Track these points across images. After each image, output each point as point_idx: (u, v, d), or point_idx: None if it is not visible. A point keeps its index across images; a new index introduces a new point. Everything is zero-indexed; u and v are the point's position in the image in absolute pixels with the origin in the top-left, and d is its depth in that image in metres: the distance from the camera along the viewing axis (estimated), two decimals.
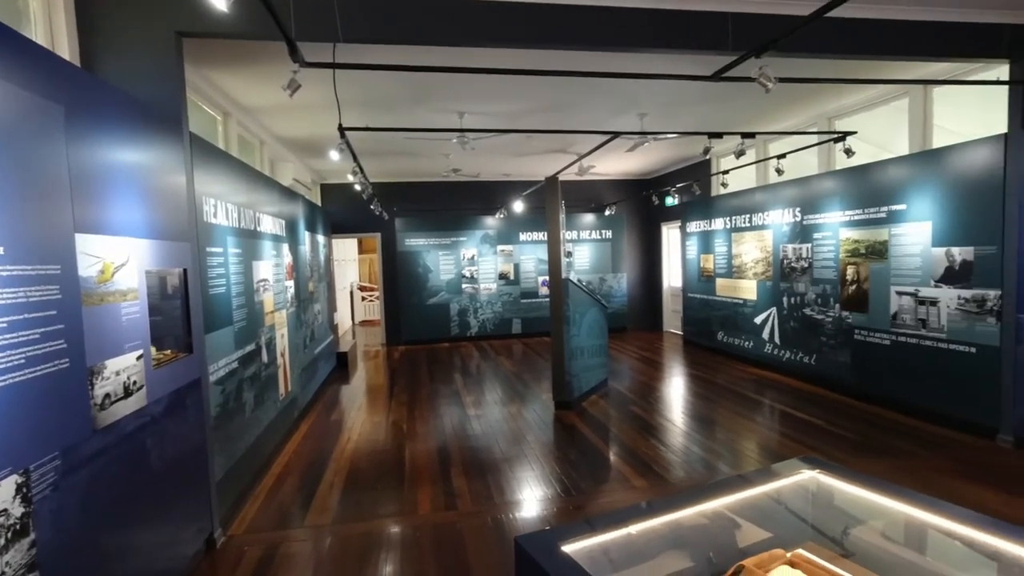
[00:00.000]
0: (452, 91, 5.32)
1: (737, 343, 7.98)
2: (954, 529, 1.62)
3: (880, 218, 5.45)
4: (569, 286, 5.88)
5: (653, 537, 1.72)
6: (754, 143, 7.70)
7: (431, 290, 10.65)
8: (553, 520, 3.50)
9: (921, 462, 4.16)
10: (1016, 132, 4.25)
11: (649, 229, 11.78)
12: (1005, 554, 1.51)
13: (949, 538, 1.67)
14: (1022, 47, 4.17)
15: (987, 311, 4.49)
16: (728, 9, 3.65)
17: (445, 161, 8.67)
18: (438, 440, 5.07)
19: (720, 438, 4.92)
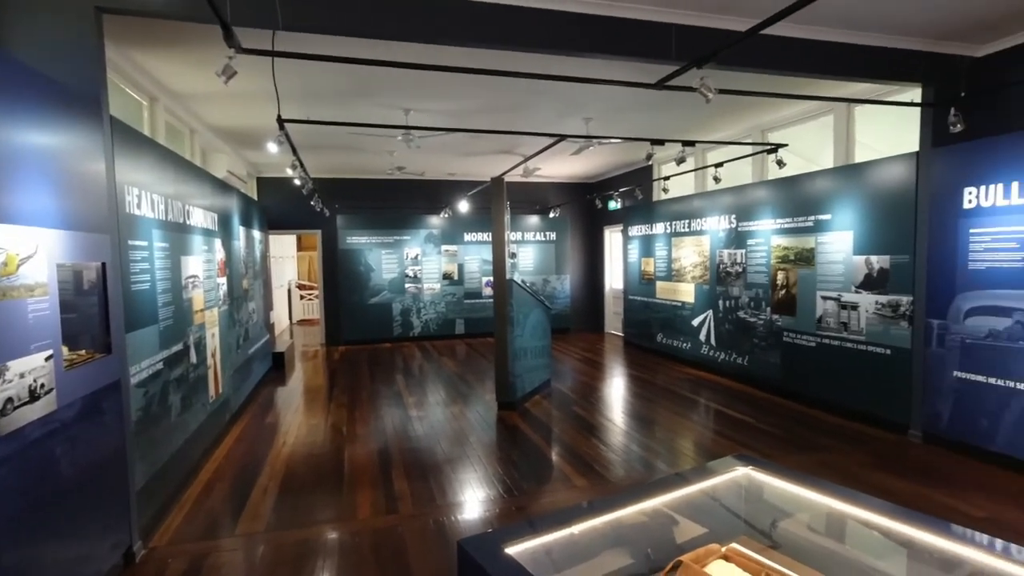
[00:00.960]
0: (398, 87, 5.22)
1: (675, 344, 8.24)
2: (871, 519, 1.72)
3: (807, 227, 5.76)
4: (513, 287, 5.89)
5: (594, 536, 1.73)
6: (694, 151, 7.97)
7: (373, 289, 10.43)
8: (496, 521, 3.48)
9: (842, 456, 4.42)
10: (927, 151, 4.59)
11: (592, 232, 11.99)
12: (916, 541, 1.61)
13: (867, 527, 1.77)
14: (933, 73, 4.51)
15: (900, 315, 4.82)
16: (673, 20, 3.75)
17: (389, 158, 8.51)
18: (379, 442, 4.95)
19: (659, 437, 5.05)
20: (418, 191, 10.99)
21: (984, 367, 4.14)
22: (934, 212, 4.47)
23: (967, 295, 4.24)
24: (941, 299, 4.43)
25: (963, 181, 4.26)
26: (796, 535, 1.97)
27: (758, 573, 1.55)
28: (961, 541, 1.51)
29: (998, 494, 3.68)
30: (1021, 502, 3.56)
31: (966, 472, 4.04)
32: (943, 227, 4.41)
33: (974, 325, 4.20)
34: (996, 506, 3.52)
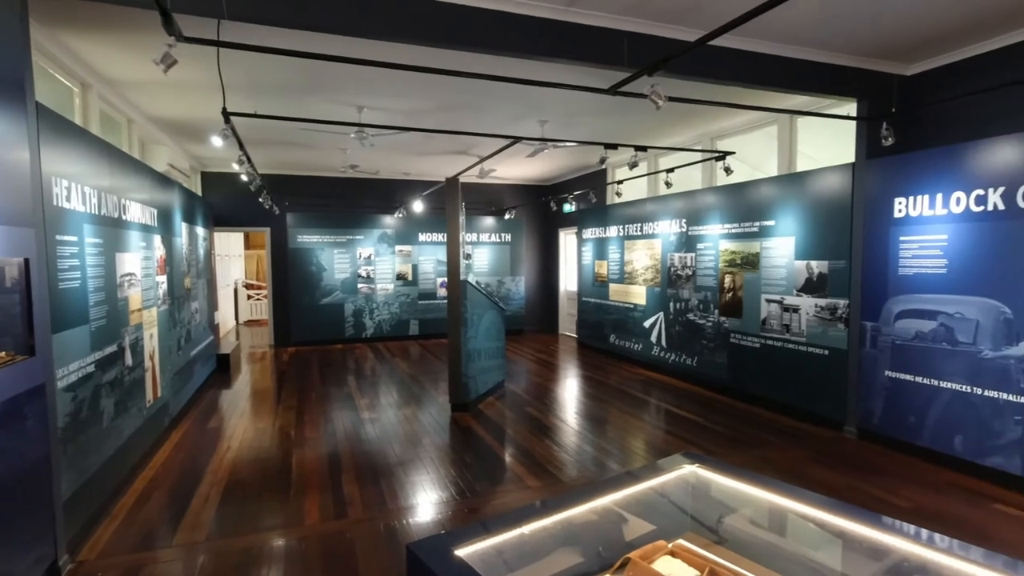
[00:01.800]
0: (351, 84, 5.12)
1: (627, 346, 8.39)
2: (809, 512, 1.80)
3: (753, 232, 5.98)
4: (467, 288, 5.86)
5: (545, 536, 1.74)
6: (646, 156, 8.16)
7: (325, 289, 10.19)
8: (448, 523, 3.45)
9: (783, 453, 4.60)
10: (862, 162, 4.84)
11: (547, 234, 12.08)
12: (849, 532, 1.69)
13: (805, 520, 1.84)
14: (867, 89, 4.76)
15: (838, 318, 5.07)
16: (626, 28, 3.83)
17: (342, 156, 8.33)
18: (329, 446, 4.83)
19: (611, 437, 5.13)
20: (372, 190, 10.81)
21: (912, 367, 4.40)
22: (868, 220, 4.72)
23: (897, 299, 4.49)
24: (874, 302, 4.67)
25: (893, 192, 4.51)
26: (740, 530, 2.03)
27: (703, 568, 1.58)
28: (890, 531, 1.59)
29: (923, 486, 3.91)
30: (943, 493, 3.80)
31: (895, 466, 4.27)
32: (876, 235, 4.66)
33: (903, 327, 4.45)
34: (921, 497, 3.73)
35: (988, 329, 3.91)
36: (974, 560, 1.43)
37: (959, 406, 4.09)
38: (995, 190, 3.85)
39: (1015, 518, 3.44)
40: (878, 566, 1.64)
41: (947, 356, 4.15)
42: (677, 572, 1.63)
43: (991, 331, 3.89)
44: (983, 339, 3.93)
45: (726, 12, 3.57)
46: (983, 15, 3.80)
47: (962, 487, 3.87)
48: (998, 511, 3.53)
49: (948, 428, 4.16)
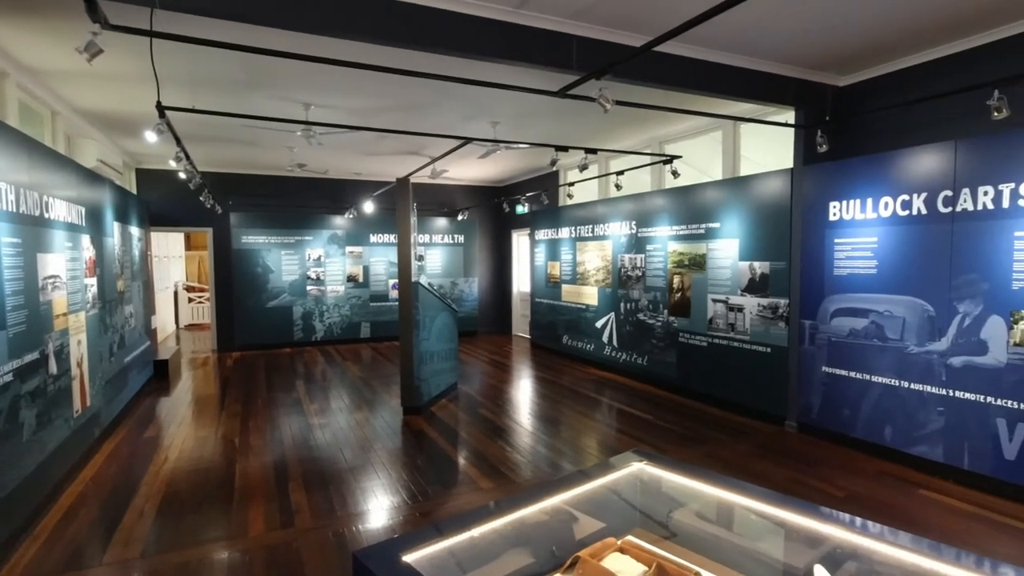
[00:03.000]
0: (297, 80, 4.97)
1: (580, 346, 8.49)
2: (752, 505, 1.85)
3: (700, 234, 6.16)
4: (419, 290, 5.79)
5: (496, 537, 1.72)
6: (596, 159, 8.29)
7: (272, 292, 9.86)
8: (400, 529, 3.39)
9: (729, 448, 4.75)
10: (799, 167, 5.05)
11: (500, 235, 12.10)
12: (789, 522, 1.75)
13: (749, 513, 1.90)
14: (803, 98, 4.99)
15: (779, 316, 5.28)
16: (574, 32, 3.87)
17: (289, 154, 8.09)
18: (275, 453, 4.67)
19: (564, 437, 5.16)
20: (321, 190, 10.55)
21: (846, 362, 4.62)
22: (805, 223, 4.93)
23: (833, 298, 4.71)
24: (812, 302, 4.89)
25: (828, 196, 4.73)
26: (687, 524, 2.08)
27: (650, 563, 1.61)
28: (826, 520, 1.66)
29: (857, 475, 4.11)
30: (875, 481, 4.01)
31: (832, 457, 4.48)
32: (813, 237, 4.87)
33: (838, 325, 4.67)
34: (855, 486, 3.93)
35: (914, 326, 4.15)
36: (901, 544, 1.50)
37: (889, 399, 4.32)
38: (919, 195, 4.09)
39: (937, 502, 3.66)
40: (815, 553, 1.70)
41: (878, 352, 4.38)
42: (626, 568, 1.65)
43: (916, 328, 4.13)
44: (909, 336, 4.17)
45: (671, 19, 3.66)
46: (909, 32, 4.04)
47: (891, 475, 4.10)
48: (923, 496, 3.75)
49: (879, 420, 4.40)
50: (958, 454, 3.91)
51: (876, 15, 3.78)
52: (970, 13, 3.75)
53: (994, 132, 3.78)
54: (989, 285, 3.71)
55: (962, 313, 3.86)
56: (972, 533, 3.28)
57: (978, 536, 3.24)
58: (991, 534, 3.27)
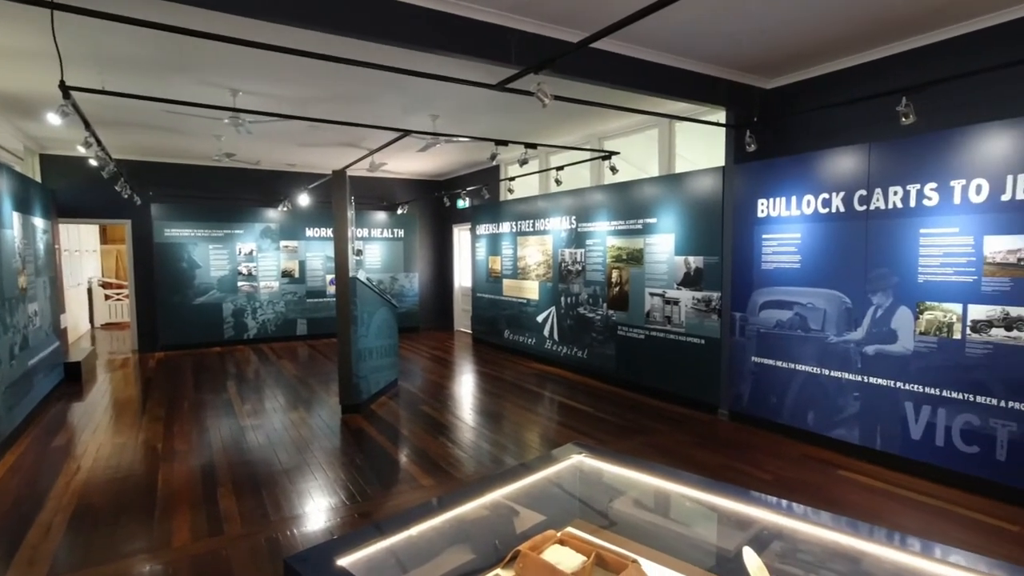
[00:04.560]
0: (224, 64, 4.71)
1: (522, 340, 8.53)
2: (686, 492, 1.90)
3: (637, 229, 6.31)
4: (357, 285, 5.64)
5: (434, 536, 1.69)
6: (536, 154, 8.34)
7: (199, 288, 9.35)
8: (338, 531, 3.29)
9: (666, 437, 4.90)
10: (730, 166, 5.26)
11: (441, 230, 11.97)
12: (721, 507, 1.81)
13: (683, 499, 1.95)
14: (734, 99, 5.19)
15: (712, 309, 5.48)
16: (513, 26, 3.85)
17: (216, 143, 7.67)
18: (203, 458, 4.43)
19: (506, 431, 5.17)
20: (252, 181, 10.09)
21: (773, 352, 4.86)
22: (736, 219, 5.14)
23: (761, 291, 4.94)
24: (742, 295, 5.11)
25: (757, 193, 4.95)
26: (626, 513, 2.11)
27: (589, 553, 1.62)
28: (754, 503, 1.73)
29: (783, 459, 4.34)
30: (799, 464, 4.24)
31: (761, 443, 4.70)
32: (743, 232, 5.09)
33: (766, 317, 4.90)
34: (781, 470, 4.14)
35: (833, 317, 4.41)
36: (822, 524, 1.58)
37: (811, 386, 4.58)
38: (837, 194, 4.35)
39: (855, 482, 3.92)
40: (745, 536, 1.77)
41: (801, 342, 4.63)
42: (565, 560, 1.65)
43: (835, 319, 4.39)
44: (829, 326, 4.43)
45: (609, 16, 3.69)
46: (831, 40, 4.27)
47: (814, 458, 4.34)
48: (842, 477, 4.00)
49: (803, 406, 4.65)
50: (872, 436, 4.19)
51: (800, 22, 3.97)
52: (884, 25, 4.00)
53: (903, 137, 4.06)
54: (899, 278, 3.99)
55: (875, 304, 4.14)
56: (884, 509, 3.52)
57: (889, 512, 3.49)
58: (900, 509, 3.52)
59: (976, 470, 3.66)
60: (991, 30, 3.91)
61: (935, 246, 3.80)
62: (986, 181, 3.56)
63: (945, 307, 3.76)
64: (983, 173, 3.57)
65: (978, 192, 3.60)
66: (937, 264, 3.79)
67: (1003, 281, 3.51)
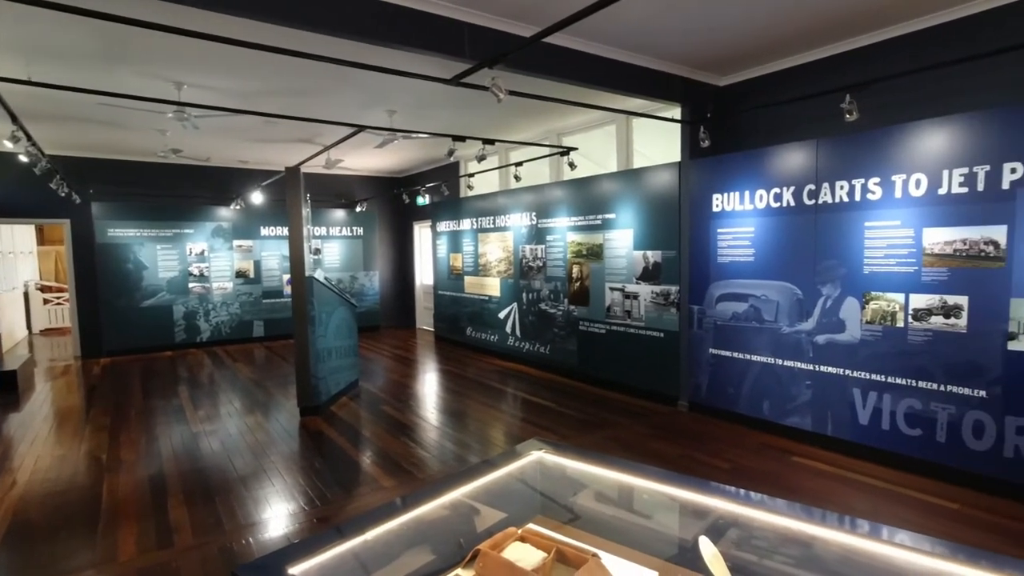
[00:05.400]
0: (168, 55, 4.50)
1: (484, 337, 8.50)
2: (647, 485, 1.92)
3: (597, 224, 6.35)
4: (314, 284, 5.50)
5: (392, 538, 1.65)
6: (496, 150, 8.31)
7: (147, 290, 8.96)
8: (296, 537, 3.20)
9: (627, 430, 4.96)
10: (686, 161, 5.35)
11: (401, 227, 11.82)
12: (681, 498, 1.83)
13: (644, 492, 1.96)
14: (688, 95, 5.27)
15: (671, 303, 5.57)
16: (466, 20, 3.80)
17: (161, 139, 7.35)
18: (152, 467, 4.24)
19: (470, 429, 5.14)
20: (202, 178, 9.72)
21: (729, 344, 4.98)
22: (692, 214, 5.24)
23: (718, 284, 5.05)
24: (699, 288, 5.21)
25: (712, 188, 5.05)
26: (587, 508, 2.12)
27: (550, 549, 1.61)
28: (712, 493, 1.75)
29: (740, 448, 4.45)
30: (756, 452, 4.35)
31: (719, 432, 4.81)
32: (699, 227, 5.19)
33: (722, 309, 5.01)
34: (739, 458, 4.24)
35: (785, 308, 4.54)
36: (777, 510, 1.62)
37: (766, 376, 4.71)
38: (788, 189, 4.47)
39: (808, 468, 4.05)
40: (702, 524, 1.79)
41: (756, 333, 4.75)
42: (526, 557, 1.64)
43: (788, 310, 4.53)
44: (782, 317, 4.56)
45: (563, 11, 3.70)
46: (780, 39, 4.38)
47: (770, 446, 4.47)
48: (796, 463, 4.13)
49: (758, 395, 4.78)
50: (823, 422, 4.34)
51: (749, 21, 4.06)
52: (829, 24, 4.13)
53: (848, 133, 4.21)
54: (846, 270, 4.14)
55: (825, 295, 4.28)
56: (835, 493, 3.65)
57: (840, 495, 3.62)
58: (850, 492, 3.66)
59: (919, 452, 3.83)
60: (928, 31, 4.08)
61: (879, 238, 3.95)
62: (924, 176, 3.72)
63: (889, 297, 3.92)
64: (921, 168, 3.73)
65: (917, 186, 3.76)
66: (881, 256, 3.95)
67: (941, 271, 3.67)
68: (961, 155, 3.56)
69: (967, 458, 3.61)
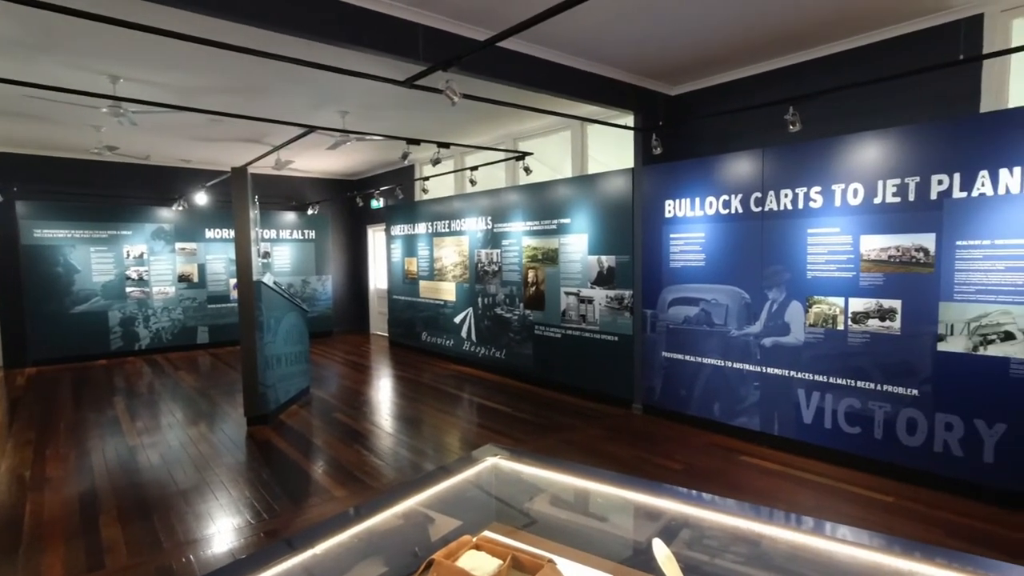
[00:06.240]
0: (101, 47, 4.26)
1: (440, 342, 8.42)
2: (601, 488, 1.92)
3: (552, 229, 6.39)
4: (262, 289, 5.31)
5: (342, 551, 1.59)
6: (451, 154, 8.25)
7: (79, 295, 8.45)
8: (241, 552, 3.06)
9: (582, 434, 4.99)
10: (639, 167, 5.45)
11: (355, 231, 11.60)
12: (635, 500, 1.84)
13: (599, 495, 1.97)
14: (641, 103, 5.38)
15: (624, 307, 5.65)
16: (421, 21, 3.76)
17: (95, 134, 6.96)
18: (82, 484, 3.98)
19: (425, 436, 5.06)
20: (141, 178, 9.26)
21: (682, 347, 5.09)
22: (645, 219, 5.34)
23: (670, 288, 5.15)
24: (652, 292, 5.31)
25: (664, 195, 5.16)
26: (542, 513, 2.10)
27: (505, 556, 1.59)
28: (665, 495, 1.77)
29: (692, 449, 4.54)
30: (706, 453, 4.46)
31: (672, 434, 4.90)
32: (652, 232, 5.29)
33: (675, 313, 5.12)
34: (690, 459, 4.33)
35: (734, 312, 4.68)
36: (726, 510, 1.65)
37: (716, 378, 4.83)
38: (736, 196, 4.62)
39: (756, 466, 4.17)
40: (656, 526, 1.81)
41: (707, 336, 4.88)
42: (481, 565, 1.61)
43: (736, 314, 4.66)
44: (731, 321, 4.70)
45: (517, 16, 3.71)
46: (727, 52, 4.53)
47: (720, 446, 4.59)
48: (745, 463, 4.25)
49: (709, 397, 4.90)
50: (770, 422, 4.49)
51: (700, 33, 4.18)
52: (774, 39, 4.30)
53: (791, 143, 4.38)
54: (791, 275, 4.30)
55: (771, 299, 4.43)
56: (782, 490, 3.77)
57: (786, 492, 3.74)
58: (796, 489, 3.79)
59: (859, 449, 4.01)
60: (862, 49, 4.31)
61: (821, 244, 4.12)
62: (861, 185, 3.91)
63: (830, 300, 4.09)
64: (859, 178, 3.92)
65: (855, 195, 3.94)
66: (823, 261, 4.12)
67: (877, 276, 3.86)
68: (894, 167, 3.76)
69: (901, 453, 3.81)
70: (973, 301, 3.48)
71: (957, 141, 3.51)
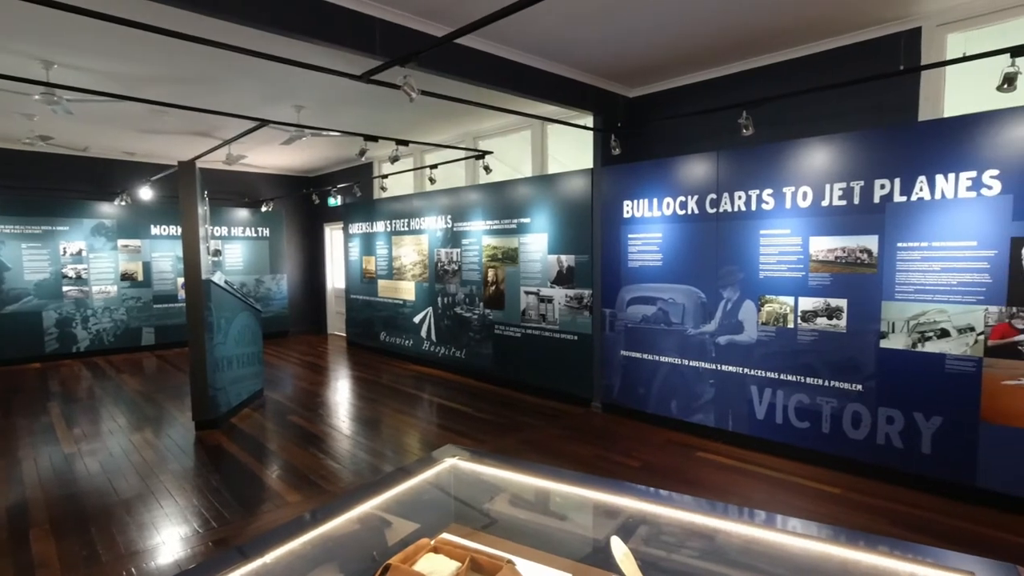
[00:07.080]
0: (33, 30, 4.01)
1: (399, 342, 8.30)
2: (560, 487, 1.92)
3: (512, 228, 6.39)
4: (212, 288, 5.11)
5: (293, 559, 1.53)
6: (410, 151, 8.15)
7: (9, 295, 7.95)
8: (187, 563, 2.93)
9: (542, 433, 5.00)
10: (599, 168, 5.50)
11: (312, 229, 11.32)
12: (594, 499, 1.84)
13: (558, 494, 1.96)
14: (600, 105, 5.43)
15: (584, 306, 5.70)
16: (377, 15, 3.68)
17: (27, 123, 6.56)
18: (10, 496, 3.73)
19: (384, 437, 4.97)
20: (79, 171, 8.77)
21: (640, 346, 5.16)
22: (604, 219, 5.39)
23: (629, 288, 5.22)
24: (611, 292, 5.36)
25: (623, 195, 5.22)
26: (501, 513, 2.08)
27: (464, 558, 1.56)
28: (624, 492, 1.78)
29: (650, 446, 4.61)
30: (664, 449, 4.53)
31: (630, 432, 4.97)
32: (611, 232, 5.34)
33: (633, 312, 5.19)
34: (648, 456, 4.40)
35: (691, 311, 4.78)
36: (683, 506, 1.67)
37: (673, 376, 4.92)
38: (692, 197, 4.71)
39: (711, 462, 4.27)
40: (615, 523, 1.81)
41: (664, 335, 4.96)
42: (439, 568, 1.58)
43: (693, 313, 4.76)
44: (688, 319, 4.80)
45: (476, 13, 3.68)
46: (683, 56, 4.61)
47: (677, 443, 4.67)
48: (701, 458, 4.34)
49: (666, 394, 4.99)
50: (725, 418, 4.60)
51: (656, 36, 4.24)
52: (728, 44, 4.40)
53: (745, 146, 4.50)
54: (744, 274, 4.42)
55: (725, 299, 4.54)
56: (736, 484, 3.87)
57: (740, 487, 3.84)
58: (749, 483, 3.89)
59: (809, 443, 4.15)
60: (814, 57, 4.46)
61: (772, 245, 4.25)
62: (810, 189, 4.05)
63: (781, 300, 4.23)
64: (808, 182, 4.06)
65: (804, 198, 4.08)
66: (774, 261, 4.25)
67: (824, 276, 4.01)
68: (840, 171, 3.91)
69: (848, 446, 3.96)
70: (912, 300, 3.65)
71: (897, 148, 3.67)
